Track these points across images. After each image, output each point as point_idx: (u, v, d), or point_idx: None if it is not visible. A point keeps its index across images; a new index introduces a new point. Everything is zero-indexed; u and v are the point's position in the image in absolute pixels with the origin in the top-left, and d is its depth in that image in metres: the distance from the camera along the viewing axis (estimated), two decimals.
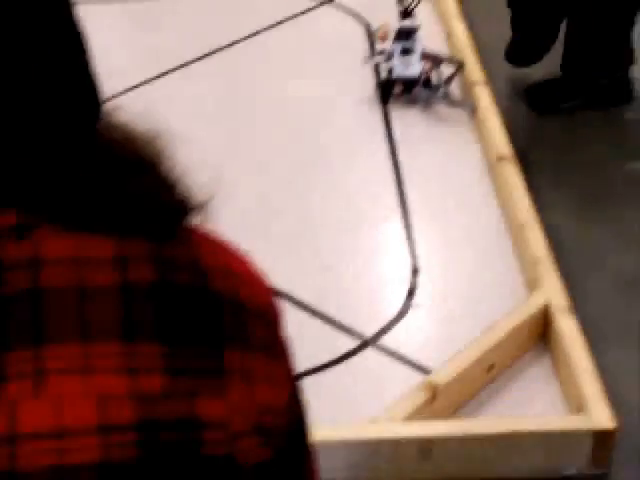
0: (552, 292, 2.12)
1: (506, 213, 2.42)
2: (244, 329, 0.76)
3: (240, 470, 0.72)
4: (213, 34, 3.28)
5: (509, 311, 2.12)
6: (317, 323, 2.18)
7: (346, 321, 2.18)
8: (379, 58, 2.87)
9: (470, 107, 2.75)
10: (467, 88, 2.82)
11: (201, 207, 0.79)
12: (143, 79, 3.07)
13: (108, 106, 0.80)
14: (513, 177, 2.45)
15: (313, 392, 2.05)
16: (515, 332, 2.05)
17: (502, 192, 2.46)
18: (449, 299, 2.25)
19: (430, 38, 3.10)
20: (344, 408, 1.98)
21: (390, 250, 2.37)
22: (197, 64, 3.15)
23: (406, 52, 2.81)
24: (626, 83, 2.96)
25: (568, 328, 2.03)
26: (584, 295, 2.23)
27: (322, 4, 3.45)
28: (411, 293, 2.24)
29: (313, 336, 2.14)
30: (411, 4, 2.92)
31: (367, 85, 2.94)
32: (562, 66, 2.94)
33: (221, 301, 0.75)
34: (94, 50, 2.70)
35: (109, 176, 0.74)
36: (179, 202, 0.78)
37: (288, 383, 0.79)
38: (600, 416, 1.86)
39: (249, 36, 3.27)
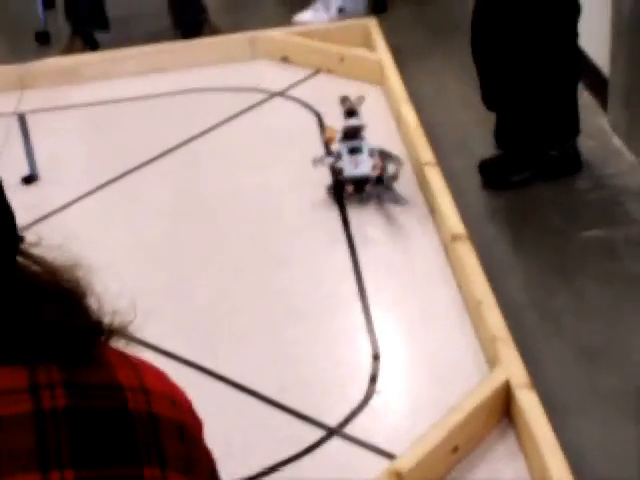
0: (512, 368, 2.12)
1: (463, 292, 2.43)
2: (161, 447, 0.77)
3: None
4: (167, 134, 3.32)
5: (471, 390, 2.12)
6: (280, 415, 2.17)
7: (310, 411, 2.17)
8: (329, 159, 2.86)
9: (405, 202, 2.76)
10: (420, 181, 2.85)
11: (120, 330, 0.81)
12: (99, 183, 3.09)
13: (27, 238, 0.82)
14: (468, 255, 2.47)
15: None
16: (477, 411, 2.05)
17: (458, 271, 2.48)
18: (412, 382, 2.25)
19: (380, 124, 3.16)
20: None
21: (350, 338, 2.38)
22: (152, 164, 3.18)
23: (354, 151, 2.81)
24: (575, 153, 3.01)
25: (529, 403, 2.03)
26: (544, 367, 2.24)
27: (273, 96, 3.51)
28: (373, 379, 2.25)
29: (277, 429, 2.14)
30: (354, 103, 2.90)
31: (323, 176, 2.98)
32: (507, 140, 2.99)
33: (136, 420, 0.77)
34: (51, 155, 2.73)
35: (24, 308, 0.76)
36: (93, 327, 0.79)
37: None
38: None
39: (203, 133, 3.31)
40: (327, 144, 2.91)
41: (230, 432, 2.12)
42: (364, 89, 3.44)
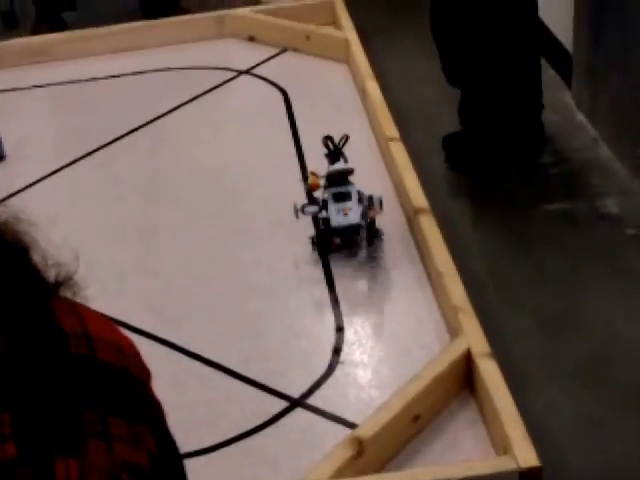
0: (473, 337, 2.15)
1: (425, 264, 2.46)
2: (103, 391, 0.79)
3: None
4: (134, 113, 3.33)
5: (432, 359, 2.15)
6: (244, 388, 2.19)
7: (274, 383, 2.19)
8: (312, 209, 2.51)
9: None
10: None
11: (66, 282, 0.83)
12: (67, 161, 3.10)
13: None
14: (431, 228, 2.49)
15: (244, 456, 2.08)
16: (438, 380, 2.07)
17: (421, 244, 2.51)
18: (375, 353, 2.27)
19: (346, 101, 3.17)
20: (276, 470, 1.99)
21: (314, 311, 2.40)
22: (120, 142, 3.19)
23: (341, 198, 2.49)
24: (538, 127, 3.03)
25: (490, 372, 2.06)
26: (505, 337, 2.28)
27: (240, 74, 3.52)
28: (337, 351, 2.27)
29: (241, 401, 2.16)
30: (338, 144, 2.56)
31: (288, 149, 3.00)
32: (471, 116, 3.01)
33: (78, 364, 0.78)
34: (19, 134, 2.73)
35: None
36: (39, 284, 0.81)
37: (152, 445, 0.82)
38: (525, 455, 1.88)
39: (171, 111, 3.32)
40: (309, 192, 2.56)
41: (194, 404, 2.14)
42: (330, 67, 3.47)
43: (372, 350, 2.28)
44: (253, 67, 3.54)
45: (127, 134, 3.22)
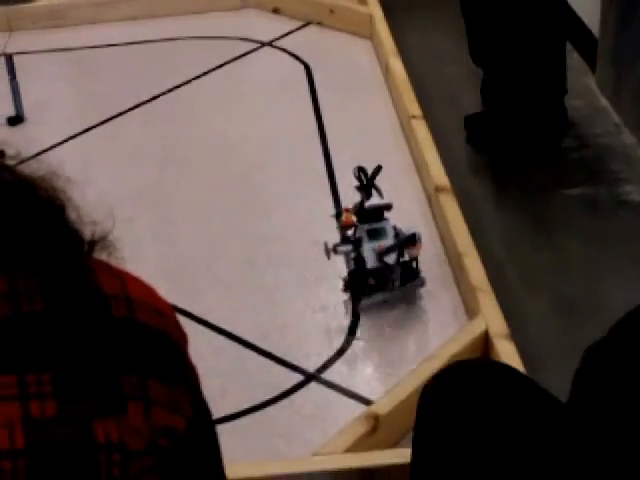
0: (491, 319, 2.14)
1: (445, 244, 2.45)
2: (142, 354, 0.78)
3: None
4: (154, 80, 3.31)
5: (449, 338, 2.14)
6: (261, 360, 2.19)
7: (289, 357, 2.19)
8: (346, 248, 2.29)
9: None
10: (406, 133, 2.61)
11: (101, 241, 0.81)
12: (85, 126, 3.09)
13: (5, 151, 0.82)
14: (451, 208, 2.48)
15: (257, 428, 2.08)
16: (455, 359, 2.06)
17: (441, 222, 2.49)
18: (391, 330, 2.26)
19: (368, 78, 3.15)
20: (290, 443, 1.99)
21: (332, 285, 2.39)
22: (139, 110, 3.18)
23: (375, 235, 2.28)
24: (561, 111, 3.01)
25: (507, 353, 2.05)
26: (523, 320, 2.26)
27: (262, 46, 3.50)
28: (353, 326, 2.26)
29: (256, 373, 2.15)
30: (372, 176, 2.32)
31: (309, 123, 2.99)
32: (494, 96, 2.99)
33: (118, 326, 0.77)
34: (37, 97, 2.71)
35: (3, 221, 0.75)
36: (73, 237, 0.79)
37: (188, 409, 0.81)
38: None
39: (191, 80, 3.30)
40: (343, 230, 2.33)
41: (208, 375, 2.11)
42: (354, 42, 3.45)
43: (389, 326, 2.27)
44: (276, 39, 3.52)
45: (146, 102, 3.21)
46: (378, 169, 2.32)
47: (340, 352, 2.20)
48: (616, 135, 3.01)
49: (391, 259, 2.24)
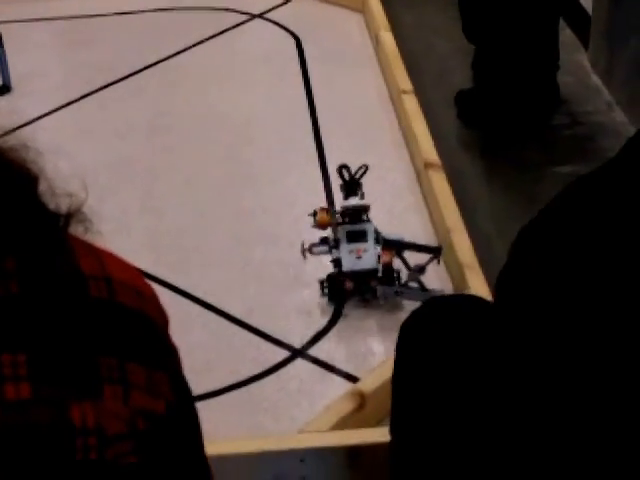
0: (479, 295, 2.12)
1: (434, 219, 2.43)
2: (121, 336, 0.76)
3: (115, 474, 0.71)
4: (143, 51, 3.28)
5: None
6: (247, 335, 2.17)
7: (275, 333, 2.17)
8: (321, 249, 2.23)
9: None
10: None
11: (77, 217, 0.79)
12: (73, 97, 3.06)
13: None
14: (441, 182, 2.47)
15: (243, 404, 2.06)
16: None
17: (430, 198, 2.48)
18: (378, 307, 2.25)
19: (359, 51, 3.13)
20: (275, 419, 1.98)
21: (319, 261, 2.37)
22: (127, 81, 3.15)
23: (355, 238, 2.21)
24: (553, 88, 2.99)
25: None
26: None
27: (252, 18, 3.47)
28: (340, 302, 2.25)
29: (242, 348, 2.14)
30: (356, 174, 2.26)
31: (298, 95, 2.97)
32: (485, 72, 2.97)
33: (96, 307, 0.75)
34: (25, 67, 2.67)
35: None
36: (49, 215, 0.77)
37: (168, 392, 0.79)
38: None
39: (180, 52, 3.27)
40: (318, 227, 2.25)
41: (194, 349, 2.11)
42: (345, 15, 3.42)
43: (376, 304, 2.25)
44: (266, 11, 3.49)
45: (134, 73, 3.18)
46: (364, 169, 2.26)
47: (327, 328, 2.18)
48: (608, 113, 2.99)
49: (370, 262, 2.18)
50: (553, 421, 1.01)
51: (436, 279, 2.26)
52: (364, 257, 2.19)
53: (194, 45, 3.30)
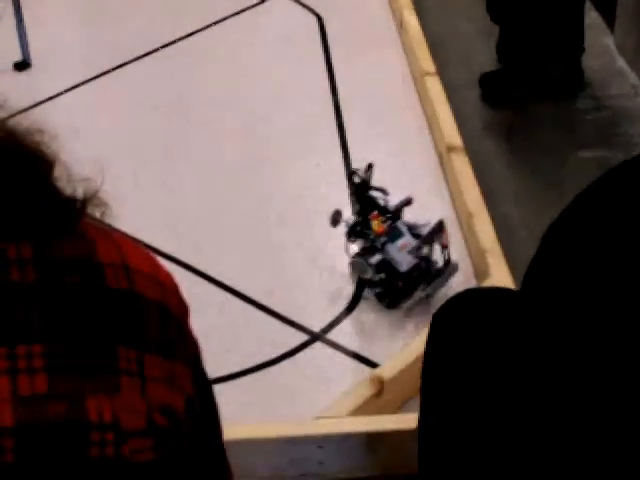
0: (501, 281, 2.10)
1: (456, 203, 2.40)
2: (140, 327, 0.73)
3: (132, 470, 0.69)
4: (163, 29, 3.25)
5: None
6: (265, 318, 2.15)
7: (294, 316, 2.15)
8: (376, 258, 2.14)
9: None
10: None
11: (95, 203, 0.77)
12: (93, 74, 3.03)
13: None
14: (463, 166, 2.43)
15: (260, 387, 2.04)
16: None
17: (452, 182, 2.45)
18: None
19: (382, 32, 3.09)
20: (292, 403, 1.96)
21: (339, 244, 2.34)
22: (147, 58, 3.12)
23: (393, 237, 2.14)
24: (577, 71, 2.95)
25: None
26: None
27: None
28: (360, 286, 2.22)
29: (260, 331, 2.12)
30: (366, 174, 2.19)
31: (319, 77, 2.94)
32: (510, 54, 2.93)
33: (115, 297, 0.73)
34: (45, 42, 2.62)
35: None
36: (66, 201, 0.75)
37: (188, 384, 0.77)
38: None
39: (200, 30, 3.24)
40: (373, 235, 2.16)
41: (211, 331, 2.09)
42: None
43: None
44: None
45: (154, 51, 3.15)
46: (369, 166, 2.21)
47: (346, 312, 2.16)
48: (633, 97, 2.95)
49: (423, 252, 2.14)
50: (582, 413, 0.99)
51: (457, 263, 2.23)
52: (410, 252, 2.12)
53: (215, 23, 3.27)
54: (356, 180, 2.23)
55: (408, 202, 2.21)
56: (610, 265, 0.98)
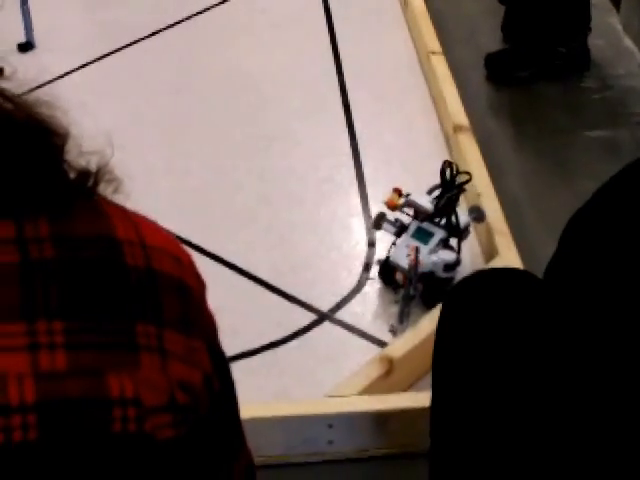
0: (509, 261, 2.10)
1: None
2: (158, 303, 0.73)
3: (153, 446, 0.69)
4: (169, 9, 3.24)
5: None
6: (273, 298, 2.15)
7: (302, 296, 2.15)
8: (389, 227, 2.17)
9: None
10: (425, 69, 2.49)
11: (108, 178, 0.76)
12: (97, 55, 3.03)
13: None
14: (470, 146, 2.43)
15: (269, 367, 2.04)
16: None
17: (459, 162, 2.44)
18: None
19: (386, 10, 3.08)
20: (301, 383, 1.96)
21: (346, 224, 2.35)
22: (153, 39, 3.11)
23: (422, 236, 2.13)
24: (584, 51, 2.94)
25: None
26: (541, 263, 2.22)
27: None
28: (367, 267, 2.22)
29: (268, 311, 2.12)
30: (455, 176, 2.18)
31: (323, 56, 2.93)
32: (515, 34, 2.92)
33: (133, 274, 0.73)
34: (49, 24, 2.61)
35: (4, 158, 0.70)
36: (80, 178, 0.75)
37: (206, 360, 0.77)
38: None
39: (205, 10, 3.23)
40: (390, 208, 2.17)
41: (220, 312, 2.07)
42: None
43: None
44: None
45: (160, 31, 3.14)
46: (453, 168, 2.17)
47: (354, 292, 2.16)
48: (639, 76, 2.94)
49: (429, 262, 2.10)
50: (602, 405, 0.99)
51: (465, 244, 2.22)
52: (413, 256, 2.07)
53: (220, 3, 3.26)
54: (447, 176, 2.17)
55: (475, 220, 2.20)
56: (635, 259, 0.98)
